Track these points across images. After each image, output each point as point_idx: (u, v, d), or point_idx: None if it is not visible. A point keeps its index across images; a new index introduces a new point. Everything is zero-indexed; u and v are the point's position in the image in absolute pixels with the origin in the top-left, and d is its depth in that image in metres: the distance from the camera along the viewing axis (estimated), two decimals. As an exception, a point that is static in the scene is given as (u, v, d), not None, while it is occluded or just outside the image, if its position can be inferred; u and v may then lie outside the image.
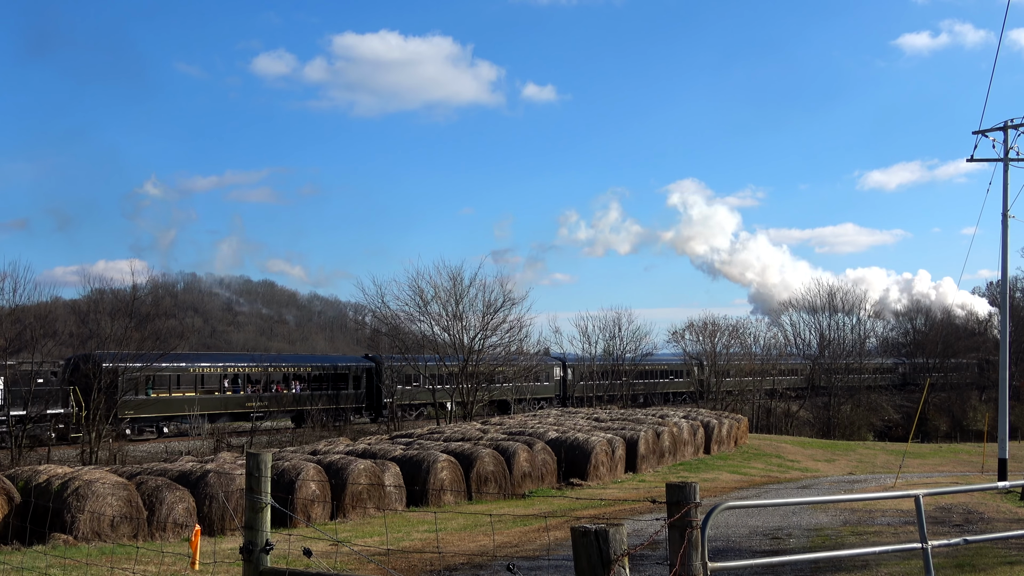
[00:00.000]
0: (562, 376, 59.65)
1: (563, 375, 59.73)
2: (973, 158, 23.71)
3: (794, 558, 10.30)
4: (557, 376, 59.31)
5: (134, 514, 14.46)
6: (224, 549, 12.44)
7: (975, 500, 17.02)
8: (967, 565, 10.12)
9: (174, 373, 41.28)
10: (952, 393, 71.36)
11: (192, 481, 16.06)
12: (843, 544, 11.90)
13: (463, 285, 46.63)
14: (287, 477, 16.83)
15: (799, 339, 72.60)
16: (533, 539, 13.63)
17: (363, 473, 18.01)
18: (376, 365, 50.75)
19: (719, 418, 37.91)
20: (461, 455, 21.16)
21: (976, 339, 76.20)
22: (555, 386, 58.81)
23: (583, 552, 4.05)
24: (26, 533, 13.48)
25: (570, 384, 59.75)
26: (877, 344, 79.86)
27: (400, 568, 10.97)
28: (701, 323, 69.02)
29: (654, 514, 11.98)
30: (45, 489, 14.46)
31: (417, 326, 48.96)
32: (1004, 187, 22.90)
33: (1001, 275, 24.11)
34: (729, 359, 66.14)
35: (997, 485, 11.06)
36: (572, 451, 24.54)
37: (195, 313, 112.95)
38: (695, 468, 30.16)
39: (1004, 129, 22.94)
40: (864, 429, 62.48)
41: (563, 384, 59.56)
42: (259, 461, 5.43)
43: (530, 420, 33.06)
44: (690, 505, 4.99)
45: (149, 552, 12.62)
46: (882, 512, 15.23)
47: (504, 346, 48.06)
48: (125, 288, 40.78)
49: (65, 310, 49.09)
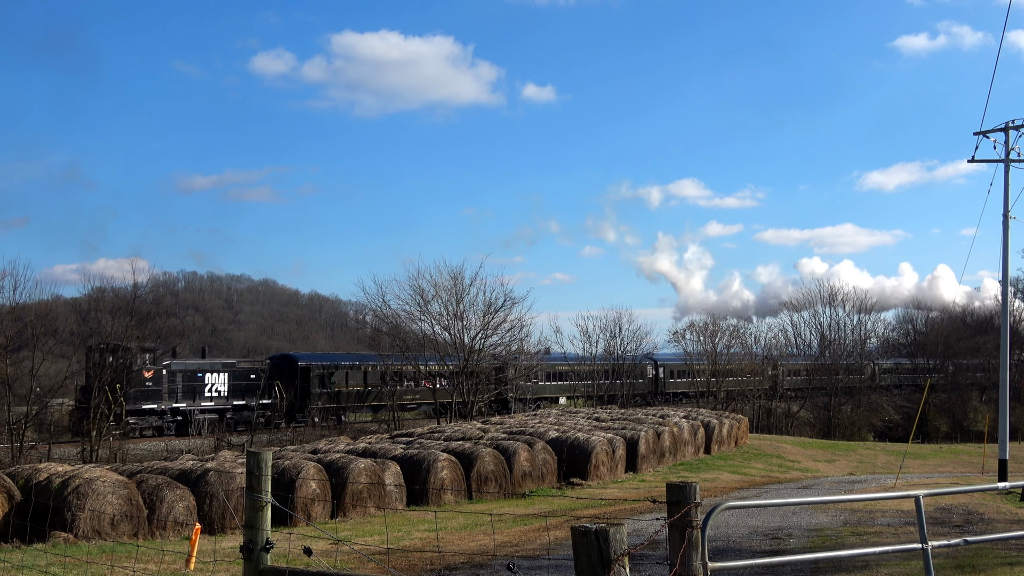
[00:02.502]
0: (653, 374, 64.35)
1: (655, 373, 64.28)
2: (974, 159, 23.71)
3: (794, 558, 10.29)
4: (650, 374, 64.31)
5: (134, 512, 14.46)
6: (224, 548, 12.44)
7: (975, 501, 17.02)
8: (967, 566, 10.11)
9: (343, 370, 47.26)
10: (953, 394, 71.32)
11: (192, 479, 16.07)
12: (843, 544, 11.90)
13: (464, 284, 46.65)
14: (287, 476, 16.84)
15: (800, 339, 72.61)
16: (533, 538, 13.63)
17: (363, 472, 18.01)
18: (503, 364, 55.41)
19: (719, 418, 37.91)
20: (461, 454, 21.16)
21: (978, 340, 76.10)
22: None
23: (583, 551, 4.05)
24: (26, 531, 13.48)
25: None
26: (878, 344, 79.78)
27: (400, 567, 10.97)
28: (702, 323, 69.05)
29: (654, 514, 11.98)
30: (45, 487, 14.47)
31: (418, 325, 49.03)
32: (1005, 188, 22.90)
33: (1002, 276, 24.12)
34: (730, 359, 66.13)
35: (997, 486, 11.05)
36: (572, 451, 24.54)
37: (196, 312, 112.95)
38: (695, 468, 30.16)
39: (1005, 130, 22.93)
40: (864, 429, 62.46)
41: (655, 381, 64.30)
42: (259, 460, 5.43)
43: (530, 420, 33.07)
44: (690, 505, 4.99)
45: (149, 550, 12.64)
46: (882, 512, 15.23)
47: (505, 345, 48.07)
48: (126, 286, 40.82)
49: (66, 308, 49.03)
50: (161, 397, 39.32)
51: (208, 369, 42.30)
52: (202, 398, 41.20)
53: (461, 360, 45.49)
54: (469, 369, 45.24)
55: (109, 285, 43.61)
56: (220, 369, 42.76)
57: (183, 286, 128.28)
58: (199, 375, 41.57)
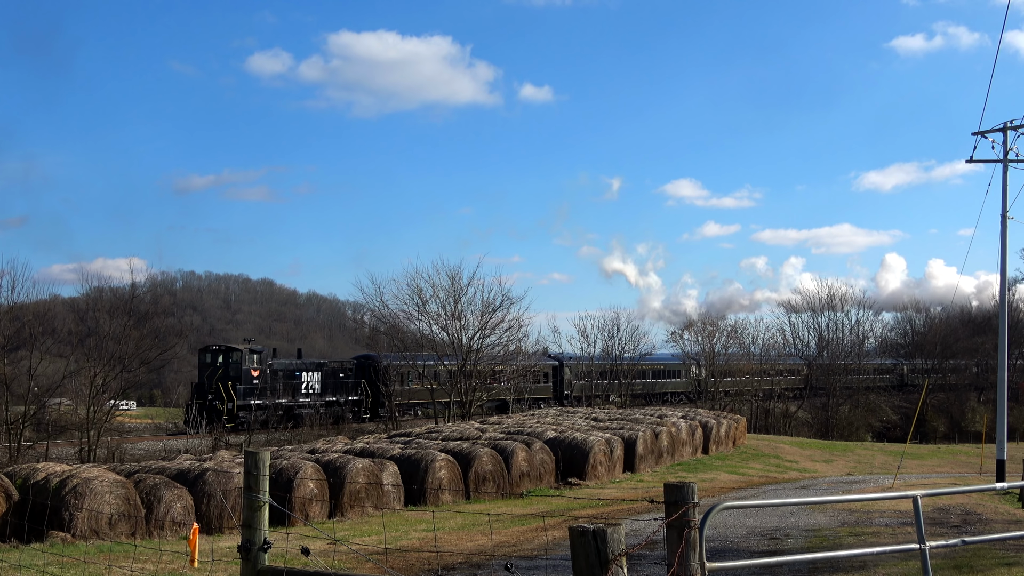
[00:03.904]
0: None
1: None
2: (972, 159, 23.74)
3: (792, 558, 10.29)
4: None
5: (132, 512, 14.45)
6: (222, 547, 12.43)
7: (973, 501, 17.02)
8: (965, 566, 10.11)
9: (417, 370, 48.92)
10: (951, 394, 71.35)
11: (190, 479, 16.05)
12: (841, 545, 11.90)
13: (461, 284, 46.61)
14: (285, 476, 16.83)
15: (798, 339, 72.65)
16: (531, 539, 13.63)
17: (361, 472, 18.01)
18: (560, 364, 59.35)
19: (717, 418, 37.90)
20: (459, 454, 21.16)
21: (976, 340, 76.10)
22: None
23: (581, 552, 4.05)
24: (24, 531, 13.47)
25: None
26: (876, 345, 79.86)
27: (398, 567, 10.96)
28: (700, 323, 69.07)
29: (652, 514, 11.98)
30: (43, 487, 14.45)
31: (416, 325, 49.02)
32: (1003, 188, 22.93)
33: (1000, 276, 24.14)
34: (728, 359, 66.14)
35: (995, 486, 11.05)
36: (570, 451, 24.55)
37: (194, 311, 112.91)
38: (693, 468, 30.16)
39: (1003, 130, 22.96)
40: (862, 430, 62.47)
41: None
42: (257, 459, 5.42)
43: (528, 420, 33.02)
44: (688, 505, 4.98)
45: (147, 550, 12.62)
46: (880, 513, 15.24)
47: (503, 345, 48.03)
48: (124, 286, 40.80)
49: (64, 308, 49.02)
50: (266, 394, 42.99)
51: (303, 368, 46.67)
52: (300, 394, 45.46)
53: (459, 360, 45.47)
54: (467, 369, 45.22)
55: (107, 285, 43.68)
56: (313, 368, 47.16)
57: (181, 286, 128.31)
58: (296, 373, 45.87)
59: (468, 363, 45.27)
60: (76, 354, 36.91)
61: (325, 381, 47.11)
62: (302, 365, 47.08)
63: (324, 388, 46.92)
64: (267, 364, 44.42)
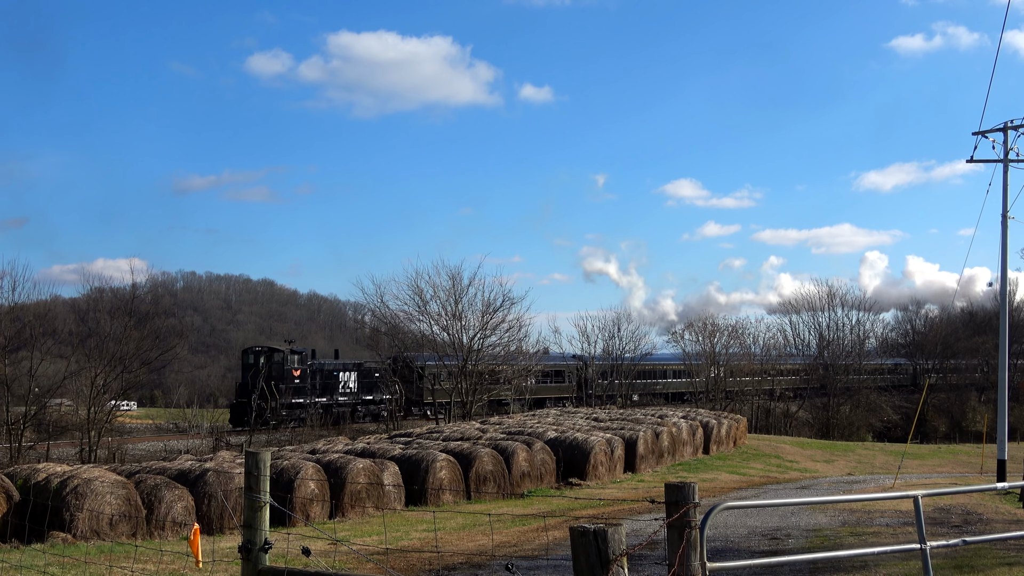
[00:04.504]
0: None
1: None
2: (973, 159, 23.73)
3: (793, 559, 10.29)
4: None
5: (133, 513, 14.45)
6: (223, 548, 12.42)
7: (974, 501, 17.02)
8: (966, 566, 10.11)
9: (447, 369, 48.52)
10: (951, 394, 71.31)
11: (191, 480, 16.05)
12: (842, 545, 11.90)
13: (462, 284, 46.55)
14: (286, 476, 16.82)
15: (798, 339, 72.59)
16: (532, 539, 13.62)
17: (362, 472, 18.00)
18: (584, 364, 60.90)
19: (718, 418, 37.89)
20: (460, 454, 21.15)
21: (976, 340, 76.01)
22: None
23: (582, 552, 4.04)
24: (25, 531, 13.48)
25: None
26: (876, 344, 79.78)
27: (399, 567, 10.96)
28: (700, 323, 69.01)
29: (653, 514, 11.97)
30: (44, 487, 14.45)
31: (416, 325, 49.00)
32: (1004, 188, 22.92)
33: (1000, 276, 24.13)
34: (728, 359, 66.11)
35: (996, 486, 11.03)
36: (571, 451, 24.54)
37: (194, 312, 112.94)
38: (694, 468, 30.15)
39: (1004, 130, 22.95)
40: (863, 430, 62.46)
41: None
42: (258, 460, 5.42)
43: (529, 420, 33.02)
44: (689, 505, 4.98)
45: (148, 551, 12.62)
46: (881, 513, 15.23)
47: (504, 346, 48.01)
48: (124, 287, 40.83)
49: (64, 308, 49.07)
50: (306, 393, 44.58)
51: (341, 368, 48.31)
52: (338, 394, 47.27)
53: (460, 360, 45.46)
54: (468, 369, 45.19)
55: (108, 285, 43.67)
56: (351, 368, 48.81)
57: (181, 286, 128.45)
58: (335, 373, 47.47)
59: (469, 363, 45.25)
60: (77, 355, 36.89)
61: (361, 380, 48.57)
62: (340, 365, 48.60)
63: (360, 387, 48.52)
64: (307, 364, 45.76)
